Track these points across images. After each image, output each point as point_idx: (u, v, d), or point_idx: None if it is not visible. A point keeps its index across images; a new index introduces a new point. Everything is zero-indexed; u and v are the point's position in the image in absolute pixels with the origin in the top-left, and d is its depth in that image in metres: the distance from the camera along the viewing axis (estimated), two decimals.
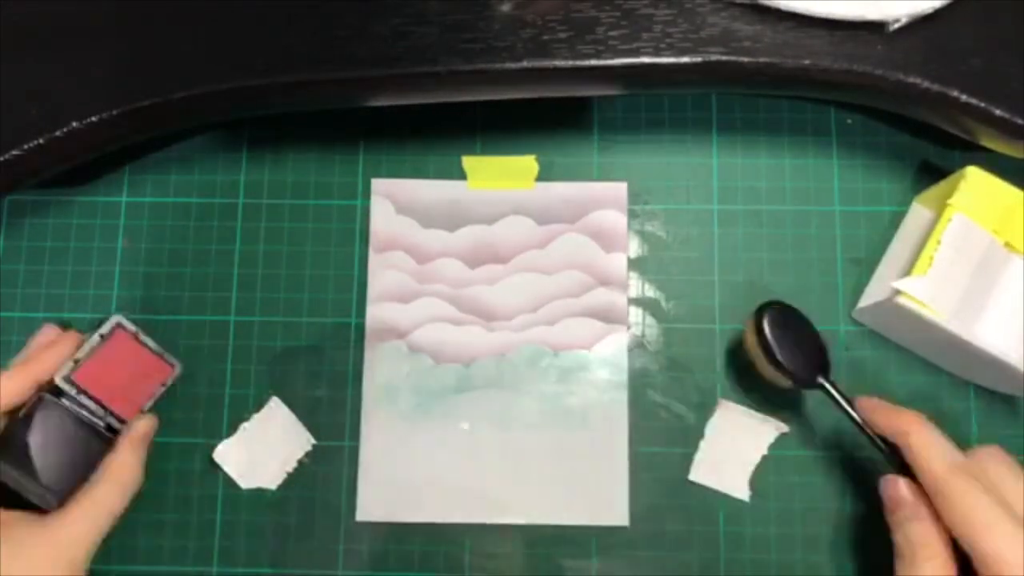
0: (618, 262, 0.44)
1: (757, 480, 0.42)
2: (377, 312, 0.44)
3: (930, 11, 0.37)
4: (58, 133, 0.37)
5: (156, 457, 0.43)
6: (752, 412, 0.42)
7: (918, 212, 0.43)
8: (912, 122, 0.41)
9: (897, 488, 0.35)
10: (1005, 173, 0.39)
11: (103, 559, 0.42)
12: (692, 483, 0.42)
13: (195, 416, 0.43)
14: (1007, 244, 0.39)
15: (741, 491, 0.41)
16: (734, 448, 0.42)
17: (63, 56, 0.38)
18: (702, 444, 0.42)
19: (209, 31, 0.38)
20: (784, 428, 0.42)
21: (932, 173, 0.44)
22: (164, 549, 0.42)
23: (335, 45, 0.38)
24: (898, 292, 0.38)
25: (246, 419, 0.42)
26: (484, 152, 0.45)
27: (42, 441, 0.37)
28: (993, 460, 0.34)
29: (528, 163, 0.45)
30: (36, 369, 0.38)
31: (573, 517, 0.42)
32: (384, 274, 0.44)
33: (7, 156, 0.37)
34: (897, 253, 0.42)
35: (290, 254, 0.44)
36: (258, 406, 0.42)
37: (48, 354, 0.39)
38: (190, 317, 0.44)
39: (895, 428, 0.35)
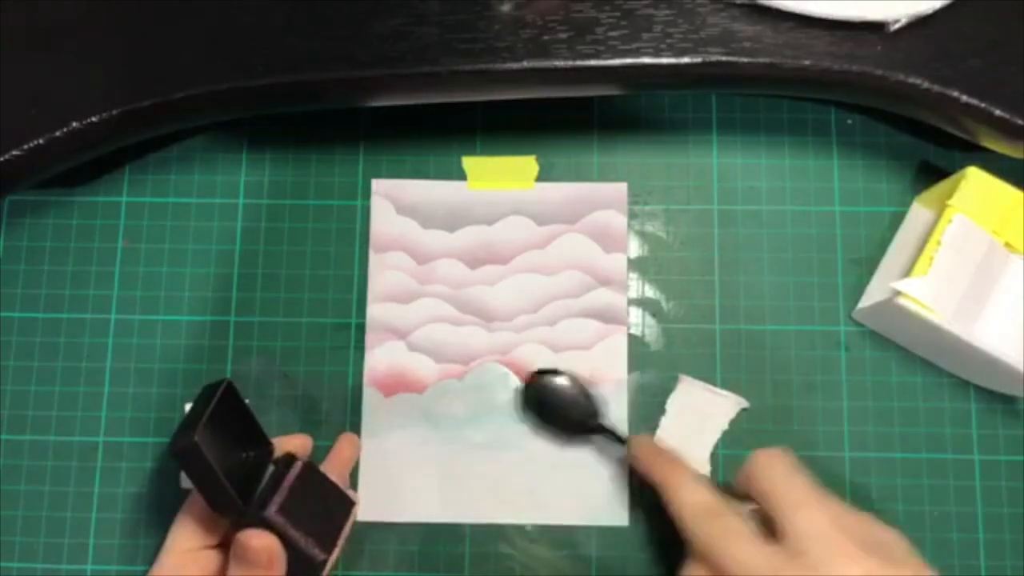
0: (618, 262, 0.44)
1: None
2: (377, 312, 0.44)
3: (930, 11, 0.37)
4: (58, 133, 0.37)
5: (157, 458, 0.43)
6: (713, 388, 0.42)
7: (918, 212, 0.43)
8: (912, 122, 0.41)
9: None
10: (1005, 173, 0.39)
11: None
12: None
13: None
14: (1007, 244, 0.39)
15: (702, 466, 0.41)
16: (695, 423, 0.42)
17: (63, 56, 0.38)
18: (663, 420, 0.42)
19: (209, 31, 0.38)
20: (745, 403, 0.42)
21: (932, 173, 0.44)
22: None
23: (335, 45, 0.38)
24: (898, 293, 0.38)
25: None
26: (484, 152, 0.45)
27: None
28: (762, 471, 0.35)
29: (528, 163, 0.45)
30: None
31: (573, 517, 0.42)
32: (384, 274, 0.44)
33: (7, 156, 0.37)
34: (897, 253, 0.42)
35: (290, 254, 0.44)
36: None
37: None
38: (190, 317, 0.44)
39: (652, 473, 0.38)
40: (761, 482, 0.34)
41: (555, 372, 0.42)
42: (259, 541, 0.33)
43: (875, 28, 0.37)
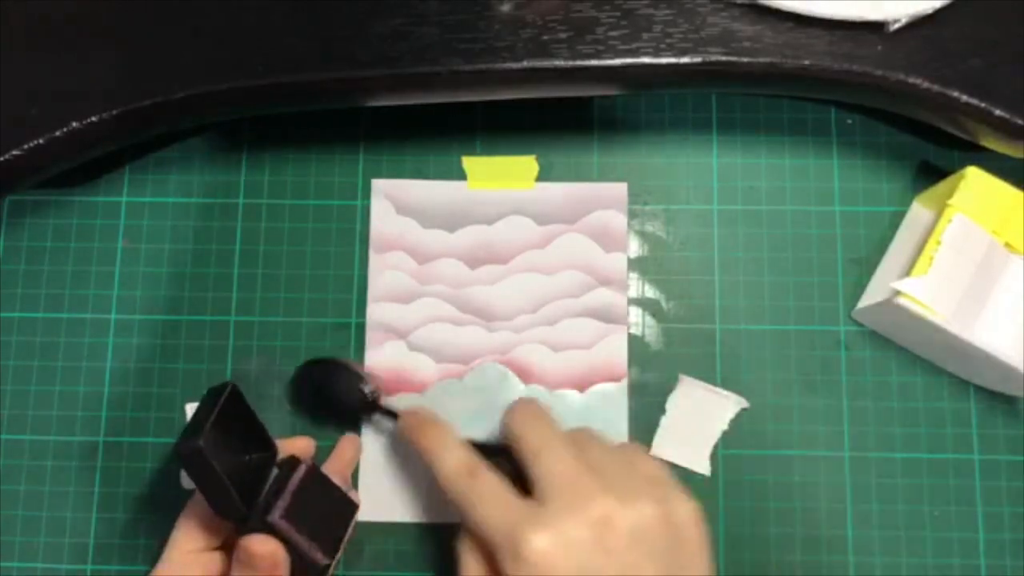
0: (618, 262, 0.44)
1: (756, 476, 0.42)
2: (377, 312, 0.44)
3: (930, 11, 0.37)
4: (58, 133, 0.37)
5: (157, 458, 0.43)
6: (713, 388, 0.42)
7: (918, 212, 0.43)
8: (912, 122, 0.41)
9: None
10: (1005, 173, 0.39)
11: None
12: (687, 481, 0.42)
13: None
14: (1007, 244, 0.39)
15: (702, 466, 0.41)
16: (695, 423, 0.42)
17: (63, 56, 0.38)
18: (663, 420, 0.42)
19: (209, 31, 0.38)
20: (745, 403, 0.42)
21: (932, 173, 0.44)
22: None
23: (335, 45, 0.38)
24: (898, 292, 0.38)
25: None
26: (484, 152, 0.45)
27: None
28: (511, 419, 0.35)
29: (528, 163, 0.45)
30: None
31: None
32: (384, 274, 0.44)
33: (7, 156, 0.37)
34: (897, 253, 0.42)
35: (290, 254, 0.44)
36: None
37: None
38: (190, 317, 0.44)
39: (418, 445, 0.37)
40: (511, 430, 0.34)
41: (324, 361, 0.42)
42: (263, 547, 0.33)
43: (875, 28, 0.37)
